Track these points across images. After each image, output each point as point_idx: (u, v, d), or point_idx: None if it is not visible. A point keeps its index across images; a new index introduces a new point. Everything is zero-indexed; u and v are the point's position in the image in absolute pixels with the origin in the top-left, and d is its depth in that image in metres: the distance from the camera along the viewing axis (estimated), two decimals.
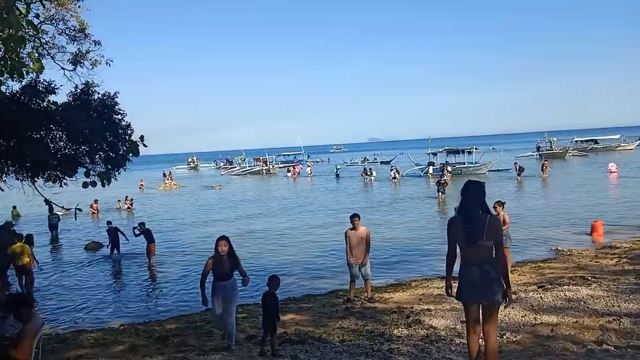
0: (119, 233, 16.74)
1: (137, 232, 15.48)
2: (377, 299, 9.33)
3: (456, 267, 4.90)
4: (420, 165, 46.03)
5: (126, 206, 30.82)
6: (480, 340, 4.78)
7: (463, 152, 45.23)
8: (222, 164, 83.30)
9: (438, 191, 27.21)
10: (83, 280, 13.81)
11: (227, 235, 6.85)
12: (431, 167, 43.87)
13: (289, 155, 78.66)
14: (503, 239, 6.39)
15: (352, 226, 9.31)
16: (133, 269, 14.86)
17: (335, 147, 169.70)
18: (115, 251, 16.65)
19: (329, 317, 8.28)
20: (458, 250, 4.75)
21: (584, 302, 7.82)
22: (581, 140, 66.23)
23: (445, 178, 30.62)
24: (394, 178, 41.22)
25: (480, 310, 4.63)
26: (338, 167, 53.53)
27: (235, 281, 6.78)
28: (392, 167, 45.58)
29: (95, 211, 28.49)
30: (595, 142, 66.08)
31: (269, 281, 6.62)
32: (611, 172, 35.15)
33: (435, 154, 46.82)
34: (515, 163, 39.11)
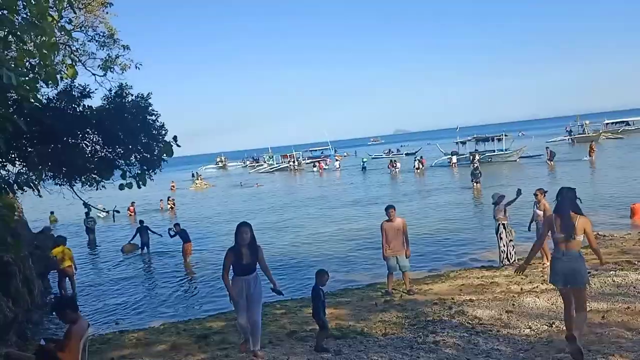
0: (149, 232, 17.60)
1: (172, 233, 15.71)
2: (416, 290, 9.19)
3: None
4: (458, 154, 45.32)
5: (169, 206, 31.25)
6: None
7: (492, 139, 44.35)
8: (248, 162, 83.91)
9: (472, 181, 26.57)
10: (121, 281, 14.08)
11: (248, 222, 6.16)
12: (454, 157, 43.25)
13: (316, 150, 78.55)
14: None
15: (387, 218, 9.18)
16: (170, 269, 15.06)
17: (372, 138, 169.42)
18: (145, 249, 17.48)
19: (369, 310, 8.20)
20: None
21: (634, 287, 7.55)
22: (613, 122, 64.12)
23: (476, 166, 30.05)
24: (417, 169, 40.96)
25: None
26: (364, 160, 53.44)
27: (258, 276, 6.13)
28: (415, 158, 45.31)
29: (133, 213, 29.07)
30: (627, 123, 64.04)
31: (315, 275, 6.60)
32: None
33: (464, 143, 46.08)
34: (547, 148, 38.17)
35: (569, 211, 5.49)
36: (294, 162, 62.92)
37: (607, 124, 63.10)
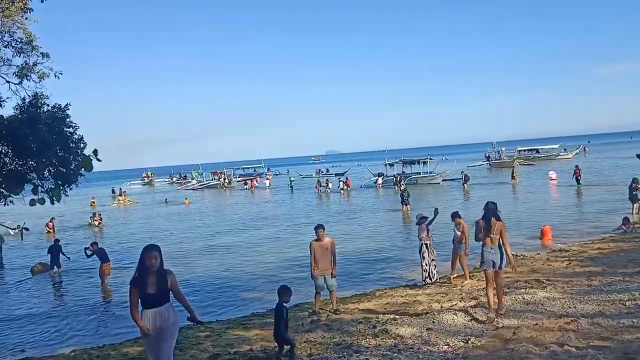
0: (60, 252, 16.79)
1: (88, 252, 14.79)
2: (343, 310, 9.27)
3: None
4: (384, 175, 46.66)
5: (96, 222, 29.71)
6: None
7: (418, 162, 46.31)
8: (175, 178, 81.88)
9: (402, 202, 26.75)
10: (28, 304, 13.06)
11: (157, 245, 5.41)
12: (380, 179, 44.70)
13: (248, 168, 77.99)
14: (460, 246, 10.63)
15: (316, 237, 9.23)
16: (85, 291, 14.18)
17: (314, 157, 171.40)
18: (56, 268, 16.58)
19: (295, 331, 8.14)
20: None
21: (542, 305, 8.04)
22: (524, 150, 69.28)
23: (404, 188, 31.02)
24: (342, 189, 41.87)
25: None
26: (292, 179, 53.91)
27: (172, 306, 5.27)
28: (340, 178, 46.60)
29: (51, 230, 27.18)
30: (537, 151, 69.56)
31: (277, 292, 6.63)
32: (551, 179, 36.84)
33: (392, 165, 47.65)
34: (462, 172, 40.33)
35: (491, 217, 7.62)
36: (224, 179, 61.98)
37: (519, 150, 67.99)
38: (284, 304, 6.49)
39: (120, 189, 59.55)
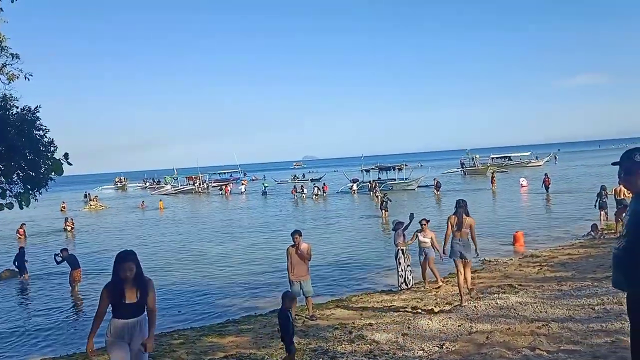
0: (24, 258, 16.52)
1: (58, 259, 14.43)
2: (319, 316, 9.25)
3: None
4: (358, 181, 46.98)
5: (68, 228, 29.08)
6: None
7: (394, 168, 46.80)
8: (148, 183, 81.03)
9: (381, 209, 26.75)
10: None
11: (133, 251, 4.85)
12: (355, 184, 45.03)
13: (224, 173, 77.42)
14: (429, 252, 11.14)
15: (293, 243, 9.21)
16: (54, 298, 13.80)
17: (295, 163, 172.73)
18: (25, 275, 16.25)
19: (271, 337, 8.09)
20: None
21: (514, 309, 8.17)
22: (497, 157, 70.80)
23: (377, 193, 31.26)
24: (316, 195, 41.98)
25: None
26: (265, 185, 54.02)
27: (146, 319, 4.80)
28: (315, 184, 46.82)
29: (22, 236, 26.48)
30: (509, 158, 71.18)
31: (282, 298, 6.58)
32: (522, 186, 37.75)
33: (368, 171, 48.03)
34: (434, 179, 40.97)
35: (462, 213, 8.82)
36: (199, 184, 61.38)
37: (492, 158, 69.42)
38: (289, 310, 6.47)
39: (89, 193, 58.50)
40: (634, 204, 3.31)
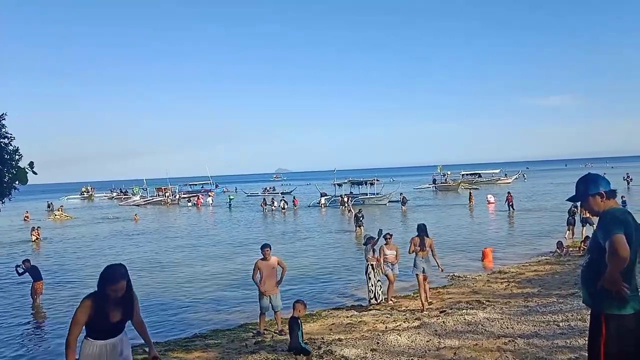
0: None
1: (20, 270, 13.89)
2: (288, 331, 9.15)
3: None
4: (327, 195, 47.09)
5: (34, 238, 28.14)
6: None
7: (366, 183, 47.12)
8: (115, 193, 79.75)
9: (356, 225, 26.05)
10: None
11: (123, 265, 4.23)
12: (323, 198, 45.20)
13: (195, 185, 76.63)
14: (394, 267, 11.68)
15: (262, 256, 9.14)
16: (15, 311, 13.27)
17: (275, 176, 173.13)
18: None
19: (239, 352, 7.96)
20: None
21: (482, 325, 8.27)
22: (467, 174, 72.32)
23: (349, 207, 31.28)
24: (283, 208, 41.80)
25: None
26: (231, 197, 53.66)
27: (126, 336, 4.22)
28: (283, 197, 46.77)
29: None
30: (479, 175, 72.73)
31: (293, 307, 6.94)
32: (489, 202, 38.51)
33: (340, 185, 48.22)
34: (401, 194, 41.55)
35: (423, 235, 10.46)
36: (169, 195, 60.51)
37: (463, 174, 70.84)
38: (293, 316, 6.77)
39: (52, 203, 56.96)
40: (598, 224, 3.43)
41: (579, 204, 3.66)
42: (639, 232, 3.31)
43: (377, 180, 47.46)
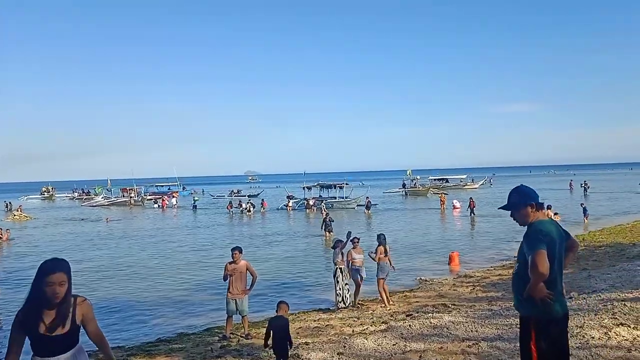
0: None
1: None
2: (255, 334, 9.06)
3: None
4: (295, 199, 47.02)
5: (4, 238, 27.10)
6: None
7: (335, 186, 47.26)
8: (77, 194, 77.77)
9: (324, 229, 25.59)
10: None
11: (64, 260, 3.50)
12: (290, 201, 45.19)
13: (162, 186, 75.24)
14: (361, 270, 11.89)
15: (232, 259, 9.03)
16: None
17: (250, 177, 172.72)
18: None
19: (204, 357, 7.82)
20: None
21: (447, 329, 8.37)
22: (435, 179, 73.53)
23: (323, 211, 31.12)
24: (249, 211, 41.45)
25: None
26: (196, 199, 53.29)
27: (82, 352, 3.53)
28: (249, 200, 46.57)
29: None
30: (446, 180, 74.03)
31: (277, 307, 7.13)
32: (455, 207, 39.16)
33: (310, 189, 48.20)
34: (367, 197, 41.93)
35: (385, 244, 11.52)
36: (133, 196, 59.21)
37: (430, 179, 72.01)
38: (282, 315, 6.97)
39: (10, 203, 54.95)
40: (525, 235, 3.65)
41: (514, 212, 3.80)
42: (563, 240, 3.62)
43: (347, 183, 47.68)
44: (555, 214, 23.22)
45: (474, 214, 32.69)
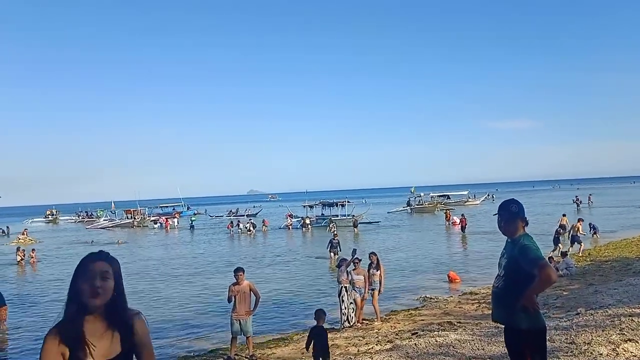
0: None
1: None
2: (259, 355, 9.03)
3: None
4: (298, 217, 47.00)
5: (18, 258, 27.09)
6: None
7: (337, 204, 47.27)
8: (81, 216, 78.09)
9: (330, 251, 23.99)
10: None
11: (109, 255, 2.68)
12: (290, 219, 45.28)
13: (167, 207, 75.24)
14: (360, 290, 11.85)
15: (235, 281, 9.03)
16: None
17: (270, 196, 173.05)
18: None
19: None
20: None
21: (453, 347, 8.31)
22: (437, 195, 73.17)
23: (334, 234, 30.33)
24: (249, 231, 41.42)
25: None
26: (193, 219, 53.39)
27: None
28: (250, 219, 46.60)
29: None
30: (448, 197, 73.53)
31: (315, 315, 7.73)
32: (454, 224, 38.44)
33: (312, 207, 48.24)
34: (353, 216, 41.89)
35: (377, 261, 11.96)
36: (138, 218, 59.28)
37: (432, 196, 71.72)
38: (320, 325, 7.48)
39: (8, 227, 54.89)
40: (509, 249, 3.82)
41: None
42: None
43: (348, 201, 47.71)
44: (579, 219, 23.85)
45: (465, 232, 31.90)
